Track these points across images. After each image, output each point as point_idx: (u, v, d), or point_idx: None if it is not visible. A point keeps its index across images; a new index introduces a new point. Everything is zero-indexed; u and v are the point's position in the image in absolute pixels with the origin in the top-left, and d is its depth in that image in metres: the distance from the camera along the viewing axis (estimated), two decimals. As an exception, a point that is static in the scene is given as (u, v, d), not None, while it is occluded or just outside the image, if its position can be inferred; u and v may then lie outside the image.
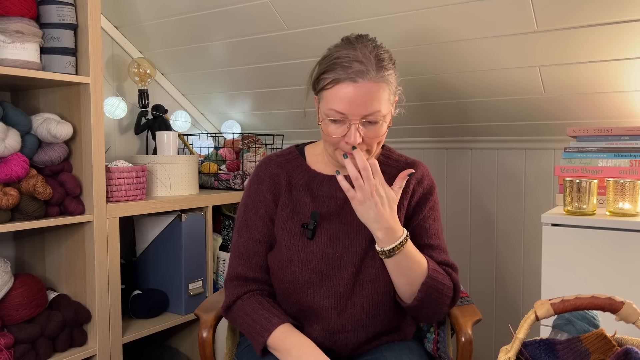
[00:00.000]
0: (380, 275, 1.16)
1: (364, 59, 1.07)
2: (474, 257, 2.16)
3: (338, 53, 1.10)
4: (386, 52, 1.12)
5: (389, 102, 1.12)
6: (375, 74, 1.07)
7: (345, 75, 1.07)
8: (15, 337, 1.47)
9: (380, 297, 1.17)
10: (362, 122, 1.09)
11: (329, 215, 1.20)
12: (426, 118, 2.07)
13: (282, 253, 1.19)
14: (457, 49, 1.67)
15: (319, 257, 1.16)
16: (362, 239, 1.18)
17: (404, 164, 1.27)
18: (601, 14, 1.39)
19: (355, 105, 1.07)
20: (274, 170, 1.25)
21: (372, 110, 1.08)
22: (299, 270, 1.16)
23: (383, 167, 1.24)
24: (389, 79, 1.10)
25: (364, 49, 1.09)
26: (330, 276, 1.16)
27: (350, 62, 1.07)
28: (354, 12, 1.66)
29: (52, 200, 1.54)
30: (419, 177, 1.25)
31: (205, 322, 1.31)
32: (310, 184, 1.23)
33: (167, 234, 1.93)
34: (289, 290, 1.19)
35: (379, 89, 1.08)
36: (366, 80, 1.06)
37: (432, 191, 1.26)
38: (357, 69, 1.06)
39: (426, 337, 1.38)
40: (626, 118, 1.70)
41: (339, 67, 1.08)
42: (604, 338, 0.84)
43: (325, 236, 1.18)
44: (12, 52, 1.45)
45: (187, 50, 2.12)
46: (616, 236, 1.35)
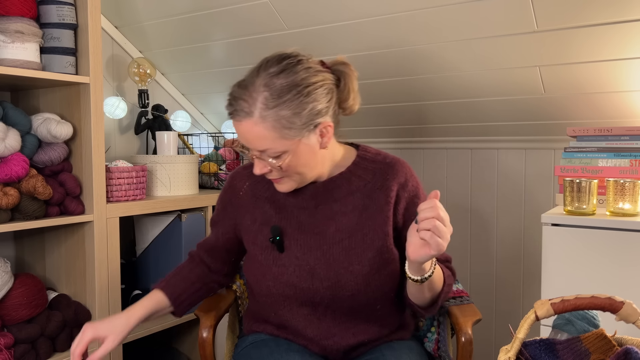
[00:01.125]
0: (362, 290, 1.12)
1: (251, 96, 1.02)
2: (474, 257, 2.16)
3: (233, 87, 1.06)
4: (297, 82, 1.03)
5: (288, 138, 1.03)
6: (260, 114, 1.01)
7: (231, 112, 1.05)
8: (15, 337, 1.47)
9: (363, 307, 1.15)
10: (261, 155, 1.06)
11: (300, 225, 1.15)
12: (426, 118, 2.07)
13: (256, 267, 1.18)
14: (457, 49, 1.67)
15: (291, 269, 1.13)
16: (338, 251, 1.13)
17: (380, 164, 1.19)
18: (601, 14, 1.39)
19: (245, 141, 1.06)
20: (239, 183, 1.24)
21: (262, 148, 1.04)
22: (273, 284, 1.14)
23: (358, 170, 1.18)
24: (282, 115, 1.01)
25: (259, 80, 1.03)
26: (303, 288, 1.13)
27: (237, 100, 1.03)
28: (354, 12, 1.66)
29: (52, 200, 1.54)
30: (402, 181, 1.17)
31: (205, 322, 1.31)
32: (275, 195, 1.19)
33: (167, 234, 1.93)
34: (267, 303, 1.19)
35: (262, 130, 1.01)
36: (249, 120, 1.02)
37: (419, 193, 1.19)
38: (241, 107, 1.02)
39: (427, 337, 1.38)
40: (626, 118, 1.70)
41: (229, 102, 1.05)
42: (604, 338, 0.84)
43: (296, 248, 1.14)
44: (12, 52, 1.45)
45: (187, 50, 2.12)
46: (616, 236, 1.35)
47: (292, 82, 1.03)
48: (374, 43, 1.76)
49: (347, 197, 1.16)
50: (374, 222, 1.14)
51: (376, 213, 1.14)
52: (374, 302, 1.15)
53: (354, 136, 2.37)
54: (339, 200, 1.16)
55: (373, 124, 2.23)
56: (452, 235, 2.25)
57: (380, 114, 2.14)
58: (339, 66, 1.12)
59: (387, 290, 1.15)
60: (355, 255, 1.12)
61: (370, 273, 1.12)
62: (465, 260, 2.17)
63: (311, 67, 1.06)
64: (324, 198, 1.16)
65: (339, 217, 1.15)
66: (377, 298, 1.14)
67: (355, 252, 1.12)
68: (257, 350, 1.18)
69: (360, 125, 2.28)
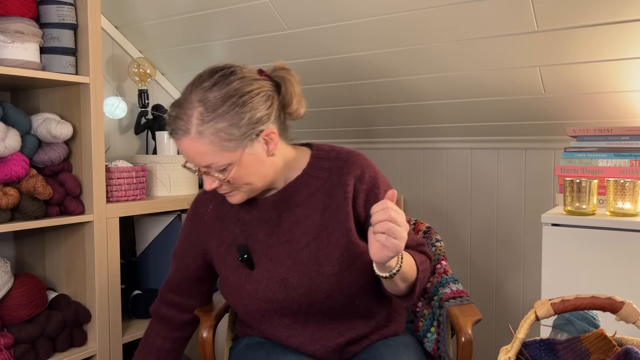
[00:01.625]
0: (336, 290, 1.12)
1: (186, 113, 1.01)
2: (474, 257, 2.16)
3: (170, 107, 1.06)
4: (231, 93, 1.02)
5: (229, 150, 1.02)
6: (196, 130, 1.00)
7: (170, 132, 1.05)
8: (15, 337, 1.47)
9: (341, 306, 1.15)
10: (207, 171, 1.06)
11: (268, 238, 1.15)
12: (425, 118, 2.07)
13: (230, 289, 1.18)
14: (457, 49, 1.67)
15: (264, 284, 1.13)
16: (306, 255, 1.12)
17: (335, 160, 1.16)
18: (601, 14, 1.39)
19: (189, 159, 1.05)
20: (202, 208, 1.23)
21: (206, 163, 1.04)
22: (249, 302, 1.15)
23: (314, 170, 1.16)
24: (220, 128, 1.00)
25: (193, 96, 1.02)
26: (279, 300, 1.12)
27: (174, 119, 1.03)
28: (354, 12, 1.66)
29: (52, 200, 1.54)
30: (358, 173, 1.14)
31: (205, 322, 1.31)
32: (239, 213, 1.18)
33: (167, 233, 1.93)
34: (248, 321, 1.20)
35: (201, 146, 1.01)
36: (187, 138, 1.02)
37: (377, 182, 1.16)
38: (178, 126, 1.02)
39: (427, 337, 1.38)
40: (626, 118, 1.70)
41: (167, 121, 1.06)
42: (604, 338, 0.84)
43: (266, 261, 1.14)
44: (12, 52, 1.45)
45: (187, 50, 2.12)
46: (616, 236, 1.35)
47: (225, 93, 1.02)
48: (374, 43, 1.76)
49: (307, 199, 1.15)
50: (336, 220, 1.13)
51: (337, 210, 1.13)
52: (351, 298, 1.14)
53: (355, 135, 2.37)
54: (300, 205, 1.15)
55: (373, 124, 2.23)
56: (453, 235, 2.26)
57: (380, 113, 2.14)
58: (279, 72, 1.11)
59: (362, 283, 1.14)
60: (324, 257, 1.11)
61: (342, 271, 1.11)
62: (465, 260, 2.17)
63: (245, 77, 1.05)
64: (286, 205, 1.15)
65: (303, 221, 1.14)
66: (353, 294, 1.14)
67: (324, 253, 1.12)
68: (253, 353, 1.19)
69: (361, 125, 2.28)
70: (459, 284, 1.38)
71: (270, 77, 1.10)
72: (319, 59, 1.92)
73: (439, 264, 1.44)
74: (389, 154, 2.33)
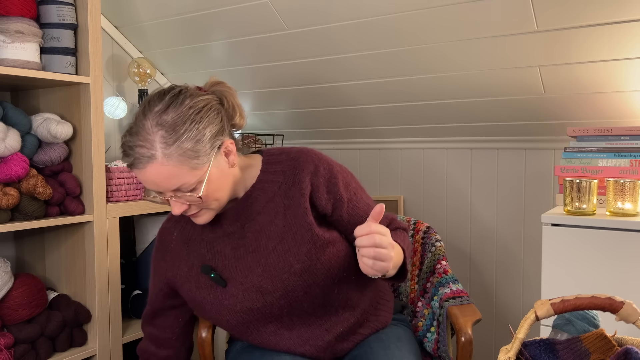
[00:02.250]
0: (311, 284, 1.12)
1: (146, 139, 0.99)
2: (474, 257, 2.16)
3: (124, 137, 1.03)
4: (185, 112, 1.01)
5: (198, 168, 1.02)
6: (163, 153, 0.98)
7: (132, 163, 1.01)
8: (15, 337, 1.47)
9: (321, 300, 1.15)
10: (176, 195, 1.03)
11: (235, 251, 1.15)
12: (426, 118, 2.07)
13: (208, 310, 1.17)
14: (457, 49, 1.67)
15: (241, 296, 1.12)
16: (275, 259, 1.12)
17: (286, 162, 1.16)
18: (601, 14, 1.39)
19: (156, 186, 1.02)
20: (167, 237, 1.22)
21: (173, 187, 1.01)
22: (230, 317, 1.15)
23: (268, 175, 1.15)
24: (185, 147, 0.99)
25: (149, 123, 1.00)
26: (258, 308, 1.13)
27: (133, 149, 1.00)
28: (354, 12, 1.66)
29: (52, 200, 1.54)
30: (312, 169, 1.14)
31: (205, 322, 1.31)
32: (203, 233, 1.18)
33: (167, 234, 1.93)
34: (234, 334, 1.20)
35: (172, 167, 0.99)
36: (153, 164, 0.99)
37: (333, 171, 1.15)
38: (141, 153, 0.99)
39: (426, 337, 1.38)
40: (626, 118, 1.70)
41: (125, 153, 1.02)
42: (604, 338, 0.84)
43: (238, 274, 1.14)
44: (12, 52, 1.45)
45: (187, 50, 2.12)
46: (616, 236, 1.35)
47: (181, 113, 1.01)
48: (374, 43, 1.76)
49: (267, 204, 1.14)
50: (297, 218, 1.13)
51: (296, 209, 1.13)
52: (328, 289, 1.14)
53: (354, 135, 2.37)
54: (261, 212, 1.14)
55: (373, 124, 2.23)
56: (453, 236, 2.25)
57: (380, 113, 2.14)
58: (217, 87, 1.12)
59: (335, 272, 1.14)
60: (292, 256, 1.11)
61: (312, 265, 1.11)
62: (465, 260, 2.17)
63: (193, 95, 1.05)
64: (247, 215, 1.15)
65: (267, 227, 1.14)
66: (330, 285, 1.14)
67: (291, 253, 1.12)
68: (248, 354, 1.19)
69: (360, 125, 2.28)
70: (458, 284, 1.38)
71: (210, 91, 1.11)
72: (319, 59, 1.92)
73: (438, 264, 1.44)
74: (389, 154, 2.33)
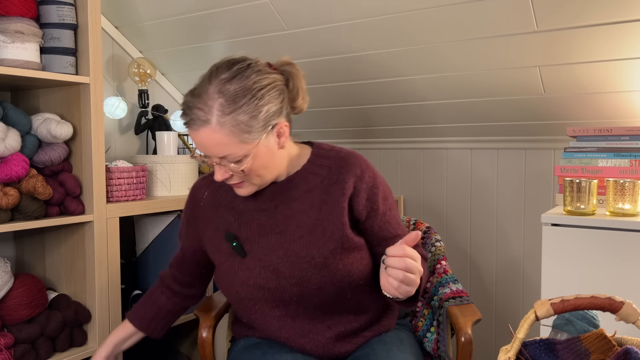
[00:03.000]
0: (327, 281, 1.13)
1: (206, 104, 1.02)
2: (474, 257, 2.16)
3: (187, 95, 1.06)
4: (250, 86, 1.04)
5: (247, 142, 1.04)
6: (217, 120, 1.01)
7: (187, 122, 1.05)
8: (15, 337, 1.47)
9: (333, 299, 1.15)
10: (221, 162, 1.07)
11: (261, 228, 1.16)
12: (425, 118, 2.07)
13: (223, 276, 1.19)
14: (457, 49, 1.67)
15: (257, 272, 1.14)
16: (299, 247, 1.13)
17: (334, 159, 1.19)
18: (601, 14, 1.39)
19: (205, 150, 1.06)
20: (199, 194, 1.26)
21: (222, 154, 1.05)
22: (241, 289, 1.16)
23: (314, 167, 1.18)
24: (240, 120, 1.02)
25: (212, 88, 1.03)
26: (270, 289, 1.13)
27: (192, 109, 1.03)
28: (354, 12, 1.66)
29: (52, 200, 1.54)
30: (358, 173, 1.16)
31: (205, 322, 1.32)
32: (234, 201, 1.20)
33: (167, 233, 1.93)
34: (239, 309, 1.21)
35: (222, 136, 1.02)
36: (206, 128, 1.02)
37: (376, 182, 1.19)
38: (197, 116, 1.03)
39: (426, 337, 1.38)
40: (626, 118, 1.70)
41: (184, 112, 1.06)
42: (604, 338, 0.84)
43: (259, 250, 1.15)
44: (12, 52, 1.45)
45: (187, 50, 2.12)
46: (616, 236, 1.35)
47: (245, 86, 1.03)
48: (374, 43, 1.76)
49: (305, 194, 1.16)
50: (332, 215, 1.14)
51: (333, 206, 1.14)
52: (342, 292, 1.15)
53: (355, 135, 2.37)
54: (297, 199, 1.16)
55: (373, 124, 2.23)
56: (452, 235, 2.25)
57: (380, 113, 2.14)
58: (286, 67, 1.13)
59: (355, 278, 1.15)
60: (316, 249, 1.13)
61: (334, 263, 1.12)
62: (465, 260, 2.17)
63: (261, 70, 1.07)
64: (283, 198, 1.17)
65: (298, 215, 1.15)
66: (345, 287, 1.14)
67: (316, 246, 1.13)
68: (249, 354, 1.19)
69: (361, 125, 2.28)
70: (458, 284, 1.38)
71: (279, 71, 1.12)
72: (319, 59, 1.92)
73: (438, 264, 1.44)
74: (389, 154, 2.33)
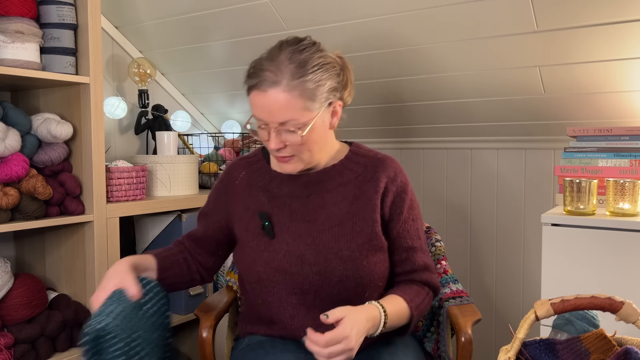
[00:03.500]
0: (350, 275, 1.14)
1: (278, 67, 1.07)
2: (474, 257, 2.16)
3: (258, 59, 1.11)
4: (315, 57, 1.10)
5: (309, 110, 1.08)
6: (287, 83, 1.06)
7: (256, 84, 1.08)
8: (15, 337, 1.47)
9: (351, 295, 1.16)
10: (280, 129, 1.09)
11: (292, 214, 1.19)
12: (426, 118, 2.07)
13: (247, 254, 1.20)
14: (457, 49, 1.67)
15: (282, 255, 1.16)
16: (327, 237, 1.16)
17: (371, 159, 1.24)
18: (601, 14, 1.39)
19: (267, 114, 1.08)
20: (235, 173, 1.28)
21: (284, 119, 1.07)
22: (262, 270, 1.16)
23: (350, 163, 1.22)
24: (306, 87, 1.07)
25: (283, 54, 1.08)
26: (293, 274, 1.15)
27: (263, 71, 1.07)
28: (354, 12, 1.66)
29: (52, 200, 1.54)
30: (391, 175, 1.22)
31: (205, 322, 1.32)
32: (269, 184, 1.23)
33: (167, 234, 1.93)
34: (256, 290, 1.20)
35: (290, 98, 1.06)
36: (276, 89, 1.06)
37: (407, 189, 1.23)
38: (267, 77, 1.06)
39: (426, 337, 1.38)
40: (626, 118, 1.70)
41: (253, 74, 1.09)
42: (604, 338, 0.84)
43: (287, 234, 1.17)
44: (12, 52, 1.45)
45: (187, 50, 2.12)
46: (616, 236, 1.35)
47: (313, 58, 1.09)
48: (374, 43, 1.76)
49: (338, 188, 1.20)
50: (363, 210, 1.18)
51: (366, 202, 1.18)
52: (362, 289, 1.16)
53: (355, 136, 2.37)
54: (330, 191, 1.20)
55: (373, 124, 2.23)
56: (453, 236, 2.25)
57: (380, 113, 2.14)
58: (338, 59, 1.19)
59: (375, 278, 1.17)
60: (344, 242, 1.15)
61: (359, 258, 1.14)
62: (465, 260, 2.17)
63: (324, 50, 1.14)
64: (316, 188, 1.20)
65: (329, 207, 1.18)
66: (365, 285, 1.16)
67: (345, 239, 1.15)
68: (252, 352, 1.19)
69: (361, 125, 2.28)
70: (458, 284, 1.38)
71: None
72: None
73: (438, 264, 1.44)
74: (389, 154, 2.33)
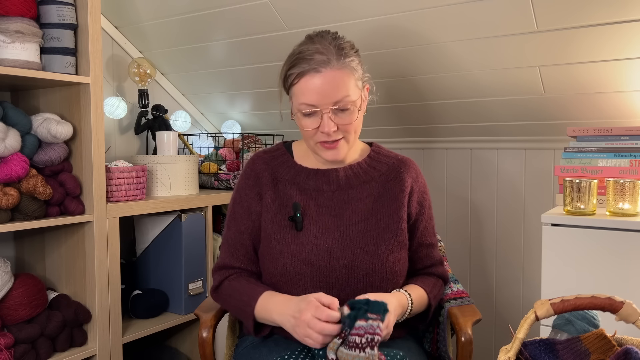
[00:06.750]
0: (376, 270, 1.17)
1: (324, 49, 1.14)
2: (474, 257, 2.16)
3: (299, 49, 1.17)
4: (347, 42, 1.18)
5: (357, 88, 1.17)
6: (337, 62, 1.13)
7: (309, 67, 1.13)
8: (15, 337, 1.47)
9: (375, 290, 1.17)
10: (333, 110, 1.14)
11: (318, 208, 1.22)
12: (426, 118, 2.07)
13: (273, 246, 1.20)
14: (457, 49, 1.67)
15: (309, 248, 1.17)
16: (354, 232, 1.19)
17: (394, 159, 1.30)
18: (601, 14, 1.39)
19: (323, 95, 1.13)
20: (259, 166, 1.29)
21: (340, 96, 1.13)
22: (289, 262, 1.17)
23: (373, 162, 1.28)
24: (352, 66, 1.15)
25: (323, 41, 1.15)
26: (320, 267, 1.16)
27: (312, 55, 1.13)
28: (354, 12, 1.66)
29: (52, 200, 1.54)
30: (414, 175, 1.29)
31: (205, 322, 1.31)
32: (295, 178, 1.25)
33: (167, 234, 1.93)
34: (280, 283, 1.20)
35: (343, 75, 1.14)
36: (329, 68, 1.13)
37: (427, 189, 1.32)
38: (319, 59, 1.13)
39: (425, 337, 1.38)
40: (626, 118, 1.70)
41: (301, 60, 1.14)
42: (604, 338, 0.84)
43: (315, 228, 1.19)
44: (12, 52, 1.45)
45: (187, 50, 2.12)
46: (616, 236, 1.35)
47: (345, 44, 1.17)
48: (374, 43, 1.76)
49: (362, 185, 1.25)
50: (388, 208, 1.23)
51: (390, 200, 1.24)
52: (385, 284, 1.19)
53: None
54: (355, 188, 1.24)
55: (373, 124, 2.23)
56: (453, 236, 2.25)
57: (380, 113, 2.14)
58: None
59: (398, 274, 1.21)
60: (370, 237, 1.19)
61: (386, 253, 1.18)
62: (465, 260, 2.17)
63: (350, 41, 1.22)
64: (341, 184, 1.24)
65: (355, 202, 1.23)
66: (389, 280, 1.19)
67: (371, 234, 1.20)
68: (256, 351, 1.19)
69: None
70: (459, 284, 1.38)
71: None
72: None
73: (439, 264, 1.44)
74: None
